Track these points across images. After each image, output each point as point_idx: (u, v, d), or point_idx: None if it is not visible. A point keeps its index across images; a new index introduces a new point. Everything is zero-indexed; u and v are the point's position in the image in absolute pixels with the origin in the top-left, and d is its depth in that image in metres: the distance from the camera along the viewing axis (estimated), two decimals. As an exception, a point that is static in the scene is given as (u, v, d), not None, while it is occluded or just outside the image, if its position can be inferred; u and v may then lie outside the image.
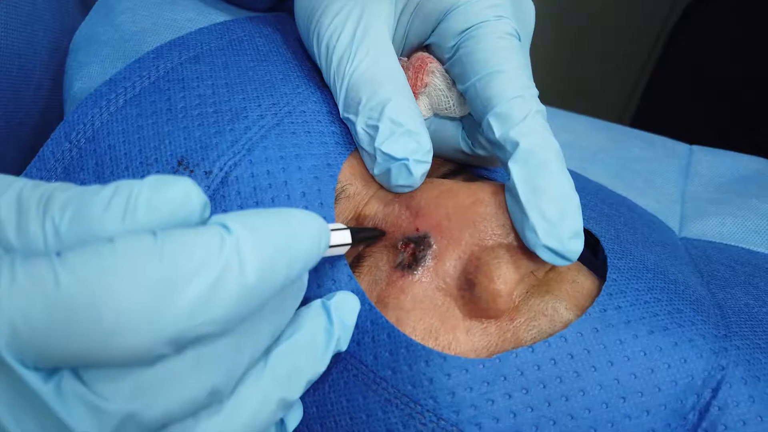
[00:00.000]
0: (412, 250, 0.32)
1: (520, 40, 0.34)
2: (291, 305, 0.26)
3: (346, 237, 0.29)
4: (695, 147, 0.61)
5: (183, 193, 0.22)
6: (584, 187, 0.45)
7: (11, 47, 0.45)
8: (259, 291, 0.21)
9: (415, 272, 0.31)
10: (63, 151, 0.34)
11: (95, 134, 0.34)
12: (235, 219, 0.22)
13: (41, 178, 0.34)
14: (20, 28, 0.46)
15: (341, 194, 0.33)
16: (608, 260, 0.34)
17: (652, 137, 0.62)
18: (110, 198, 0.21)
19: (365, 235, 0.32)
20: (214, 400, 0.23)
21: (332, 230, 0.29)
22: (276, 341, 0.26)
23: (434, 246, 0.32)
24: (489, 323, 0.31)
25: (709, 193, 0.56)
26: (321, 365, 0.28)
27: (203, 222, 0.23)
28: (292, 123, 0.34)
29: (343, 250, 0.30)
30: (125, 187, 0.21)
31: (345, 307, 0.29)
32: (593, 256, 0.43)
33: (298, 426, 0.31)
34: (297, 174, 0.32)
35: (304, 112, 0.35)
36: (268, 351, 0.26)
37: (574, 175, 0.48)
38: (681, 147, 0.60)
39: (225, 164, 0.32)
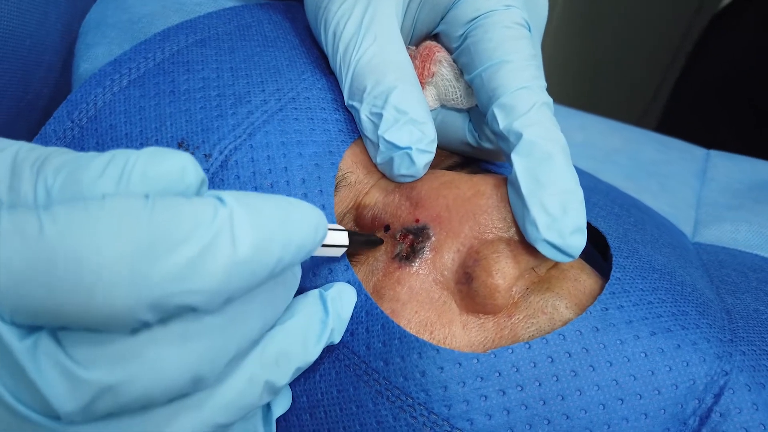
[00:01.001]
0: (411, 242, 0.31)
1: (530, 30, 0.33)
2: (282, 299, 0.26)
3: (343, 238, 0.29)
4: (713, 151, 0.60)
5: (180, 166, 0.21)
6: (594, 186, 0.44)
7: (23, 28, 0.45)
8: (249, 268, 0.20)
9: (413, 264, 0.31)
10: (65, 130, 0.34)
11: (97, 113, 0.34)
12: (230, 194, 0.21)
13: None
14: (32, 10, 0.46)
15: (342, 182, 0.33)
16: (613, 258, 0.33)
17: (669, 140, 0.60)
18: (105, 165, 0.21)
19: (363, 240, 0.31)
20: (197, 387, 0.22)
21: (330, 229, 0.28)
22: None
23: (433, 238, 0.31)
24: (486, 319, 0.30)
25: (725, 199, 0.55)
26: (312, 355, 0.27)
27: None
28: (296, 109, 0.34)
29: (339, 252, 0.29)
30: (121, 155, 0.21)
31: (342, 299, 0.29)
32: (603, 259, 0.42)
33: (287, 415, 0.31)
34: (298, 160, 0.32)
35: (308, 98, 0.35)
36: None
37: (585, 174, 0.47)
38: (698, 151, 0.59)
39: (225, 148, 0.32)
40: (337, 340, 0.29)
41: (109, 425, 0.21)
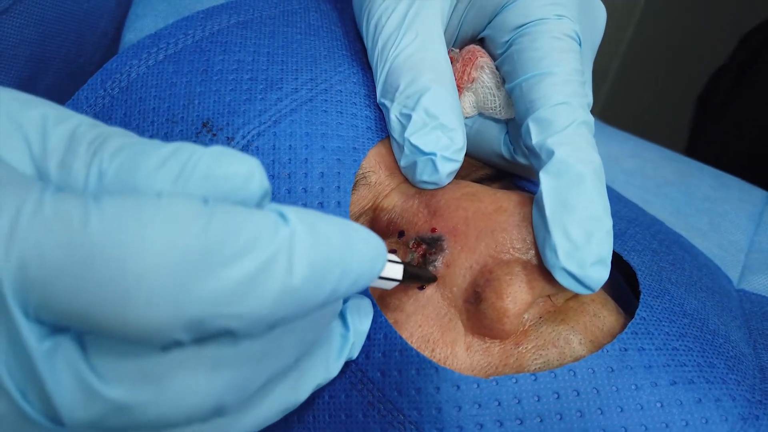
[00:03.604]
0: (423, 251, 0.30)
1: (580, 44, 0.31)
2: (321, 328, 0.23)
3: (397, 272, 0.27)
4: (774, 195, 0.56)
5: (246, 171, 0.19)
6: (636, 217, 0.41)
7: (80, -8, 0.46)
8: (301, 297, 0.18)
9: None
10: (96, 98, 0.34)
11: (130, 85, 0.34)
12: (293, 211, 0.19)
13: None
14: (91, -25, 0.47)
15: (361, 180, 0.32)
16: (641, 297, 0.30)
17: (726, 177, 0.57)
18: (167, 157, 0.19)
19: (418, 276, 0.28)
20: (218, 415, 0.20)
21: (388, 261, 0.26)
22: None
23: (447, 251, 0.29)
24: (492, 343, 0.29)
25: (780, 247, 0.51)
26: (333, 371, 0.26)
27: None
28: (326, 101, 0.33)
29: (389, 285, 0.27)
30: (186, 149, 0.19)
31: (360, 312, 0.27)
32: (633, 296, 0.40)
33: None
34: (319, 153, 0.31)
35: (341, 91, 0.33)
36: None
37: (630, 204, 0.45)
38: (757, 192, 0.55)
39: (249, 133, 0.31)
40: (355, 355, 0.27)
41: None
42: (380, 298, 0.30)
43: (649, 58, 1.13)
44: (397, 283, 0.27)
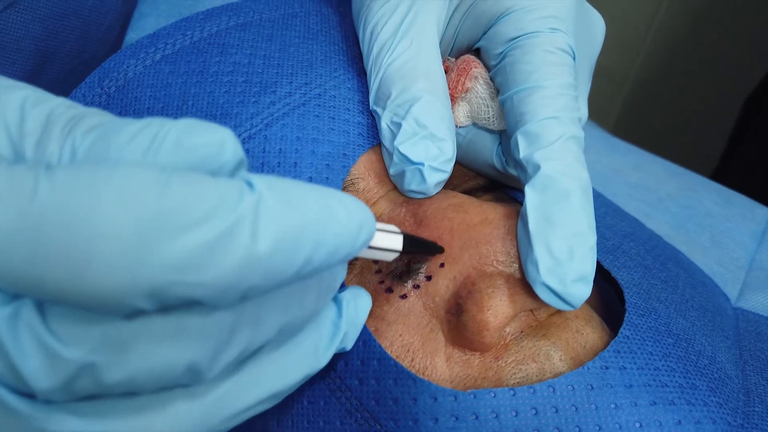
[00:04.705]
0: (408, 260, 0.30)
1: (575, 58, 0.31)
2: (313, 302, 0.23)
3: (396, 242, 0.26)
4: (778, 213, 0.55)
5: (218, 140, 0.19)
6: (633, 232, 0.41)
7: (86, -11, 0.46)
8: (269, 265, 0.18)
9: (405, 284, 0.29)
10: (93, 96, 0.34)
11: (126, 84, 0.34)
12: (264, 179, 0.19)
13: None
14: (98, -28, 0.47)
15: (349, 187, 0.32)
16: (626, 315, 0.30)
17: (730, 194, 0.56)
18: (138, 131, 0.19)
19: (419, 246, 0.28)
20: (192, 380, 0.20)
21: (381, 230, 0.26)
22: None
23: (430, 260, 0.29)
24: (472, 356, 0.28)
25: (782, 266, 0.50)
26: (322, 360, 0.25)
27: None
28: (319, 106, 0.33)
29: (389, 256, 0.27)
30: (156, 123, 0.19)
31: (357, 302, 0.27)
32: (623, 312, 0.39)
33: (253, 419, 0.30)
34: (309, 158, 0.31)
35: (335, 96, 0.34)
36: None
37: (629, 218, 0.44)
38: (761, 210, 0.55)
39: (239, 135, 0.31)
40: (349, 346, 0.26)
41: (90, 408, 0.19)
42: None
43: (668, 69, 1.12)
44: (396, 255, 0.26)
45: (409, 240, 0.27)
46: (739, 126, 0.95)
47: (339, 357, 0.29)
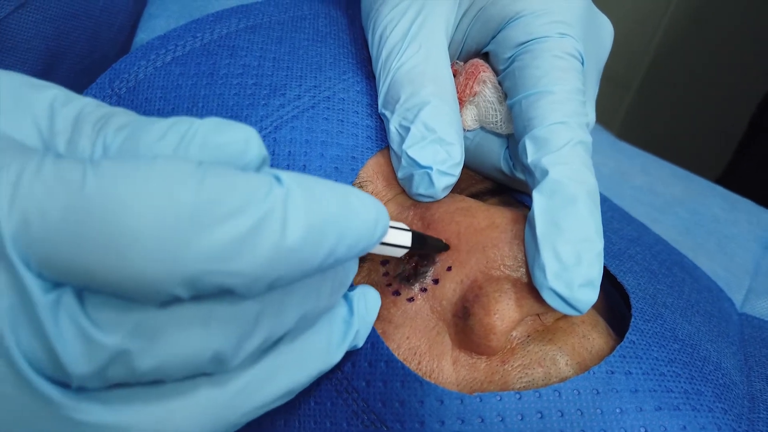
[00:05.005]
0: (415, 264, 0.30)
1: (583, 63, 0.31)
2: (329, 295, 0.24)
3: (406, 239, 0.27)
4: (785, 219, 0.55)
5: (243, 139, 0.20)
6: (639, 237, 0.41)
7: (97, -11, 0.47)
8: (297, 256, 0.19)
9: (413, 287, 0.29)
10: (104, 97, 0.34)
11: (137, 85, 0.34)
12: (289, 174, 0.20)
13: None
14: (109, -28, 0.47)
15: None
16: (632, 320, 0.30)
17: (737, 199, 0.56)
18: (167, 129, 0.20)
19: (428, 243, 0.29)
20: (217, 368, 0.20)
21: (391, 227, 0.27)
22: None
23: (438, 264, 0.29)
24: (479, 359, 0.29)
25: (788, 272, 0.50)
26: (335, 356, 0.25)
27: None
28: (328, 108, 0.33)
29: (398, 252, 0.27)
30: (184, 122, 0.20)
31: (367, 300, 0.27)
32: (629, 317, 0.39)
33: (261, 419, 0.30)
34: (318, 161, 0.31)
35: (344, 99, 0.34)
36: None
37: (635, 222, 0.44)
38: (767, 215, 0.55)
39: None
40: (360, 343, 0.27)
41: (116, 396, 0.20)
42: None
43: (674, 73, 1.12)
44: (405, 251, 0.27)
45: (417, 237, 0.28)
46: (749, 131, 0.95)
47: (346, 359, 0.29)
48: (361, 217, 0.21)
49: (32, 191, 0.17)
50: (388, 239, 0.26)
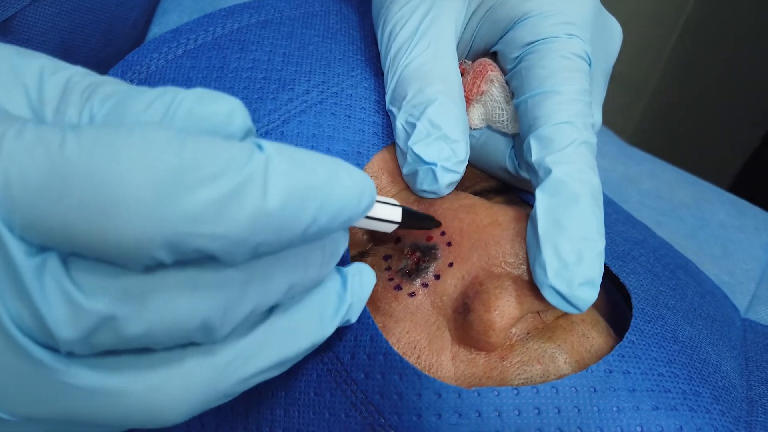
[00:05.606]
0: (417, 259, 0.30)
1: (591, 65, 0.31)
2: (317, 267, 0.23)
3: (395, 214, 0.27)
4: (792, 226, 0.55)
5: (228, 109, 0.20)
6: (644, 240, 0.41)
7: (112, -17, 0.47)
8: (278, 221, 0.19)
9: (414, 282, 0.30)
10: None
11: (148, 78, 0.35)
12: (272, 143, 0.20)
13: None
14: (125, -34, 0.48)
15: None
16: (633, 320, 0.30)
17: (745, 205, 0.56)
18: (153, 99, 0.20)
19: (418, 220, 0.29)
20: (206, 336, 0.20)
21: (381, 202, 0.27)
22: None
23: (439, 259, 0.30)
24: (478, 355, 0.29)
25: (794, 280, 0.50)
26: (327, 330, 0.25)
27: None
28: (336, 104, 0.33)
29: (388, 228, 0.28)
30: (171, 92, 0.20)
31: (362, 276, 0.27)
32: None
33: (261, 408, 0.30)
34: None
35: (351, 95, 0.34)
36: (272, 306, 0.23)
37: (639, 225, 0.44)
38: (774, 222, 0.55)
39: (257, 131, 0.32)
40: (353, 319, 0.27)
41: (107, 363, 0.20)
42: (371, 302, 0.30)
43: (689, 78, 1.12)
44: (396, 226, 0.27)
45: (407, 213, 0.28)
46: (766, 138, 0.94)
47: (345, 351, 0.29)
48: (345, 187, 0.21)
49: (12, 155, 0.17)
50: (377, 213, 0.26)
